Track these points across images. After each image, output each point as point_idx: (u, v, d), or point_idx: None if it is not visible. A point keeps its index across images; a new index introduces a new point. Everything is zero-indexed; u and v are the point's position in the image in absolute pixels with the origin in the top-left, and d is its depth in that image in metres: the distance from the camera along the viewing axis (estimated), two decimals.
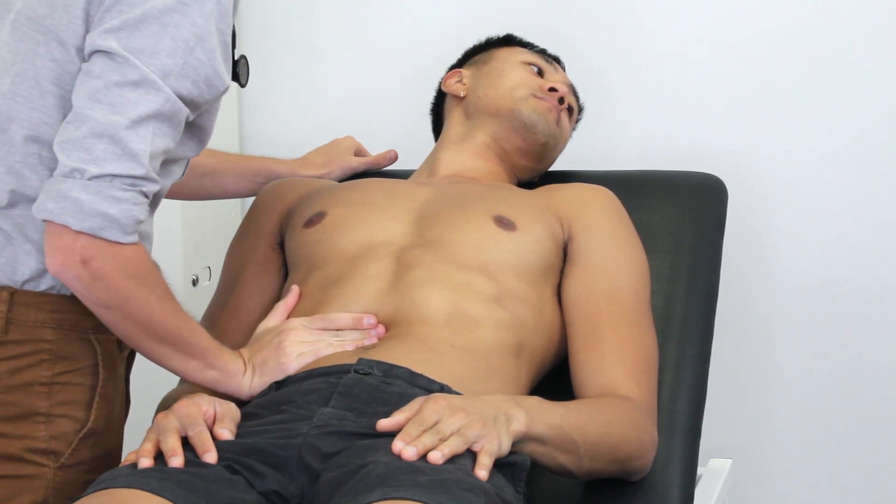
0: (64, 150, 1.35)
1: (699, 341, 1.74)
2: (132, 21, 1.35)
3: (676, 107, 2.30)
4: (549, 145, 1.88)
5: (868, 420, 2.27)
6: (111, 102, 1.34)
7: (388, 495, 1.20)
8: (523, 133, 1.86)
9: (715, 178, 1.91)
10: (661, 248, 1.81)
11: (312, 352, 1.54)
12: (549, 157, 1.91)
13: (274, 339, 1.56)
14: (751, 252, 2.27)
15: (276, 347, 1.54)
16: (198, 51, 1.38)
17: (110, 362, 1.50)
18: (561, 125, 1.89)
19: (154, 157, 1.37)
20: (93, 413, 1.46)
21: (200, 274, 2.31)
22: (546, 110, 1.86)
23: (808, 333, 2.27)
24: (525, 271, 1.65)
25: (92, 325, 1.46)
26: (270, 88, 2.50)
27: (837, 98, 2.23)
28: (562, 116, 1.89)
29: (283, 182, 1.90)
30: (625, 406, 1.54)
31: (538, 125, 1.85)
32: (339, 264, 1.65)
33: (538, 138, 1.86)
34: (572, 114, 1.94)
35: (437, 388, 1.47)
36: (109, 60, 1.35)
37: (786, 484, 2.32)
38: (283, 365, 1.54)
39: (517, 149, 1.87)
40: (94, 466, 1.47)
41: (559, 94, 1.88)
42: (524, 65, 1.91)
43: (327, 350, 1.55)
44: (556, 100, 1.87)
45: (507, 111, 1.86)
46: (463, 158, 1.88)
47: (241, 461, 1.34)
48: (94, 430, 1.47)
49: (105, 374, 1.48)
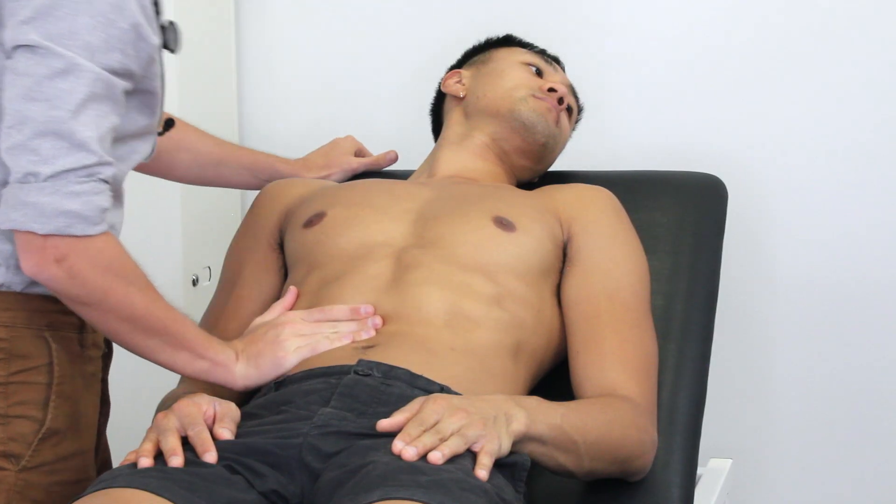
0: (12, 156, 1.33)
1: (699, 341, 1.74)
2: (44, 7, 1.32)
3: (677, 107, 2.30)
4: (549, 145, 1.88)
5: (868, 420, 2.26)
6: (46, 98, 1.32)
7: (388, 495, 1.20)
8: (522, 133, 1.85)
9: (715, 178, 1.91)
10: (661, 249, 1.81)
11: (309, 346, 1.54)
12: (548, 157, 1.91)
13: (270, 332, 1.55)
14: (751, 252, 2.27)
15: (273, 341, 1.53)
16: (118, 20, 1.35)
17: (68, 360, 1.47)
18: (560, 125, 1.89)
19: (102, 139, 1.35)
20: (50, 412, 1.44)
21: (200, 274, 2.31)
22: (545, 110, 1.86)
23: (808, 333, 2.27)
24: (524, 272, 1.65)
25: (46, 322, 1.44)
26: (270, 88, 2.50)
27: (838, 98, 2.23)
28: (561, 116, 1.89)
29: (283, 182, 1.90)
30: (624, 406, 1.54)
31: (537, 125, 1.85)
32: (339, 264, 1.65)
33: (537, 138, 1.86)
34: (572, 114, 1.94)
35: (436, 388, 1.47)
36: (32, 54, 1.32)
37: (786, 484, 2.32)
38: (279, 359, 1.53)
39: (516, 149, 1.87)
40: (60, 468, 1.46)
41: (558, 94, 1.88)
42: (523, 65, 1.91)
43: (324, 344, 1.54)
44: (555, 100, 1.87)
45: (506, 111, 1.86)
46: (462, 158, 1.88)
47: (241, 461, 1.34)
48: (53, 429, 1.44)
49: (61, 371, 1.45)
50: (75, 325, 1.48)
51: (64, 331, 1.46)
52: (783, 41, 2.25)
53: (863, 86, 2.22)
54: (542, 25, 2.20)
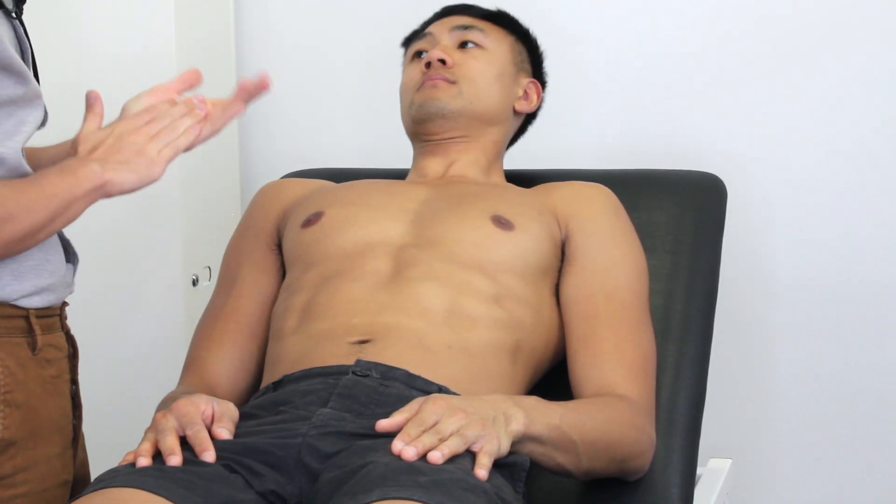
0: None
1: (699, 341, 1.74)
2: None
3: (676, 106, 2.30)
4: (447, 108, 1.80)
5: (868, 420, 2.26)
6: None
7: (387, 495, 1.20)
8: (423, 125, 1.82)
9: (715, 178, 1.90)
10: (661, 248, 1.81)
11: (172, 146, 1.46)
12: (468, 109, 1.81)
13: (119, 142, 1.44)
14: (750, 252, 2.27)
15: (136, 151, 1.43)
16: None
17: (17, 367, 1.40)
18: (438, 90, 1.80)
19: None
20: (0, 423, 1.37)
21: (200, 274, 2.31)
22: (424, 92, 1.81)
23: (808, 333, 2.27)
24: (523, 271, 1.65)
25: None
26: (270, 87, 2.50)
27: (838, 98, 2.23)
28: (437, 78, 1.80)
29: (281, 182, 1.90)
30: (623, 406, 1.54)
31: (425, 110, 1.80)
32: (337, 263, 1.65)
33: (434, 119, 1.80)
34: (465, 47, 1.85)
35: (434, 389, 1.47)
36: None
37: (785, 484, 2.32)
38: (153, 173, 1.44)
39: (441, 135, 1.82)
40: (21, 479, 1.40)
41: (423, 62, 1.82)
42: (410, 63, 1.89)
43: (185, 138, 1.47)
44: (423, 72, 1.82)
45: (409, 122, 1.84)
46: (432, 162, 1.85)
47: (240, 460, 1.34)
48: (7, 440, 1.38)
49: (9, 381, 1.38)
50: (21, 329, 1.41)
51: (7, 336, 1.39)
52: (784, 41, 2.25)
53: (863, 86, 2.22)
54: (540, 21, 2.19)
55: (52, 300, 1.46)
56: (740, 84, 2.27)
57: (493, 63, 1.85)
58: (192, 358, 1.71)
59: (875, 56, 2.21)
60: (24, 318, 1.41)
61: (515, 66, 1.88)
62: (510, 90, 1.87)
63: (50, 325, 1.46)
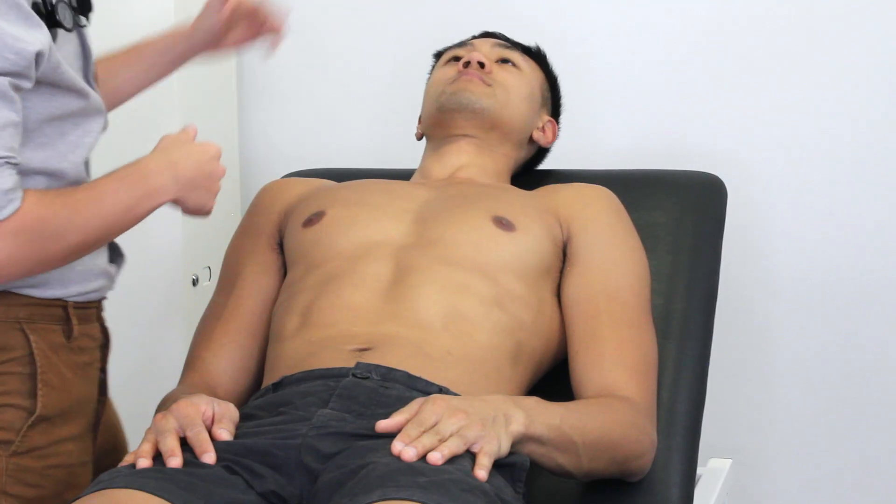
0: None
1: (699, 341, 1.74)
2: None
3: (676, 106, 2.30)
4: (478, 104, 1.83)
5: (867, 420, 2.27)
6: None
7: (387, 496, 1.20)
8: (450, 114, 1.83)
9: (715, 178, 1.91)
10: (661, 248, 1.81)
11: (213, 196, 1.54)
12: (497, 113, 1.85)
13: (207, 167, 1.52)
14: (750, 252, 2.27)
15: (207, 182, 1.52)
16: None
17: (50, 350, 1.48)
18: (474, 85, 1.84)
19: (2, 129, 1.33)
20: (39, 401, 1.46)
21: (200, 274, 2.31)
22: (458, 84, 1.84)
23: (808, 333, 2.28)
24: (524, 272, 1.65)
25: (24, 315, 1.46)
26: (270, 87, 2.50)
27: (838, 98, 2.23)
28: (474, 75, 1.84)
29: (282, 182, 1.90)
30: (624, 406, 1.54)
31: (455, 100, 1.83)
32: (338, 263, 1.65)
33: (463, 110, 1.82)
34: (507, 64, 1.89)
35: (434, 390, 1.47)
36: None
37: (785, 484, 2.32)
38: (207, 207, 1.54)
39: (449, 126, 1.84)
40: (53, 452, 1.48)
41: (461, 62, 1.85)
42: (444, 65, 1.91)
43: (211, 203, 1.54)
44: (459, 70, 1.85)
45: (434, 111, 1.85)
46: (443, 161, 1.86)
47: (240, 461, 1.34)
48: (43, 416, 1.46)
49: (43, 362, 1.47)
50: (58, 318, 1.49)
51: (43, 322, 1.47)
52: (783, 40, 2.25)
53: (863, 85, 2.22)
54: (538, 23, 2.20)
55: (92, 297, 1.54)
56: (740, 84, 2.27)
57: (526, 83, 1.90)
58: (192, 358, 1.71)
59: (875, 56, 2.21)
60: (63, 308, 1.49)
61: (542, 98, 1.94)
62: (534, 116, 1.92)
63: (87, 316, 1.54)
